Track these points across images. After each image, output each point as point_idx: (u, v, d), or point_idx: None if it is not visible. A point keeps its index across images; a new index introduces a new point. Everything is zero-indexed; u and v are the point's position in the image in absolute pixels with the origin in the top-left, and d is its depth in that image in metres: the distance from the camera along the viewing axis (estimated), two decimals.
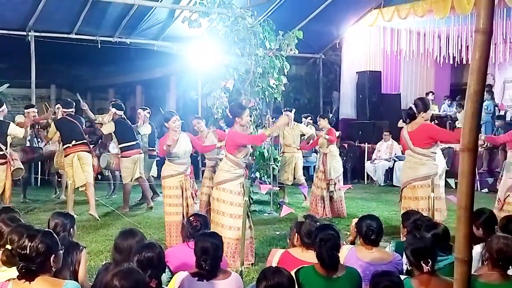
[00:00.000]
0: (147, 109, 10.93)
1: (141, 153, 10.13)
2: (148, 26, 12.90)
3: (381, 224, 4.44)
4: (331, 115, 10.44)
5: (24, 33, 12.00)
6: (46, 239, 3.23)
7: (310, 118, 11.96)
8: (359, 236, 4.44)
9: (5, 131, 8.54)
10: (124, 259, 3.73)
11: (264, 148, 9.56)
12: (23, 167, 9.27)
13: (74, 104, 9.67)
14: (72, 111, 9.42)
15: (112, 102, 10.56)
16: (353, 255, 4.27)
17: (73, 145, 9.14)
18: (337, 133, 10.02)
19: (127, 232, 4.05)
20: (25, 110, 10.53)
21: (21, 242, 3.20)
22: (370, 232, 4.32)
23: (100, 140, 11.18)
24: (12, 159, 8.85)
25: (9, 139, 8.69)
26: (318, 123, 10.28)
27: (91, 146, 10.11)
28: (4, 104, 9.17)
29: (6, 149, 8.60)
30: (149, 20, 12.67)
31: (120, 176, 10.40)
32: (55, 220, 4.36)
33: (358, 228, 4.45)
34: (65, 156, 9.27)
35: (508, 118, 14.06)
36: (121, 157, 9.97)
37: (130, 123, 10.20)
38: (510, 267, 3.65)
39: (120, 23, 12.57)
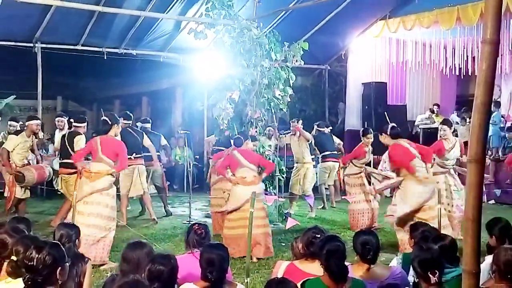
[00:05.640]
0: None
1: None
2: (154, 38, 12.94)
3: (377, 239, 4.22)
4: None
5: (31, 44, 12.03)
6: (53, 251, 3.20)
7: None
8: (355, 254, 4.22)
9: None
10: (132, 270, 3.72)
11: (270, 159, 9.54)
12: None
13: (132, 117, 10.11)
14: (130, 123, 9.59)
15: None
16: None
17: (134, 157, 9.45)
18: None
19: (136, 243, 4.05)
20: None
21: (28, 254, 3.17)
22: (366, 251, 4.10)
23: None
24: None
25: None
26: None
27: None
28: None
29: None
30: (155, 31, 12.71)
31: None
32: (60, 231, 4.35)
33: (353, 245, 4.22)
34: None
35: None
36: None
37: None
38: None
39: (126, 35, 12.61)
